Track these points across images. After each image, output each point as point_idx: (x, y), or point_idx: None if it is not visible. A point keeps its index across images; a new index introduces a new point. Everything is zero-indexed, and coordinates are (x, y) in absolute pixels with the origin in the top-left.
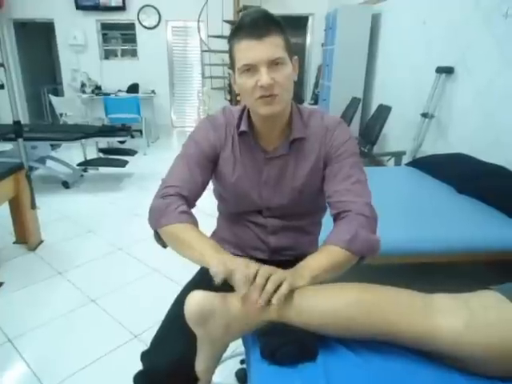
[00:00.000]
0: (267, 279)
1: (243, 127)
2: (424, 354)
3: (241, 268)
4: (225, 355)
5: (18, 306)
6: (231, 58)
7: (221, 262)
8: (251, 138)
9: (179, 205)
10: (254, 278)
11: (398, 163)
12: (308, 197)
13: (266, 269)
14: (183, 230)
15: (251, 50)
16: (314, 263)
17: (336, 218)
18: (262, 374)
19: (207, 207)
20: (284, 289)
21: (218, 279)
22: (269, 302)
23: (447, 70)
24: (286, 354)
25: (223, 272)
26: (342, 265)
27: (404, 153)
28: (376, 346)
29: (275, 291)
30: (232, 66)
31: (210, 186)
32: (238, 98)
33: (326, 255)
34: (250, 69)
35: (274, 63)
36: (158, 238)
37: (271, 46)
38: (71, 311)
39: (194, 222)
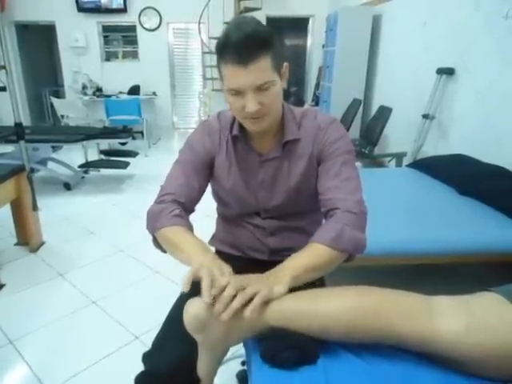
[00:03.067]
0: (239, 291)
1: (235, 131)
2: (426, 357)
3: (206, 279)
4: (226, 357)
5: (20, 308)
6: (219, 71)
7: (195, 269)
8: (244, 141)
9: (173, 209)
10: (224, 288)
11: (398, 164)
12: (305, 196)
13: (238, 281)
14: (174, 233)
15: (237, 77)
16: (296, 262)
17: (326, 215)
18: (263, 378)
19: (205, 208)
20: (256, 302)
21: (183, 288)
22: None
23: (448, 71)
24: (286, 357)
25: (188, 283)
26: (326, 263)
27: (405, 154)
28: (377, 349)
29: (247, 304)
30: (221, 78)
31: (209, 188)
32: None
33: (309, 254)
34: (237, 93)
35: (261, 87)
36: (157, 243)
37: (258, 72)
38: (72, 313)
39: (186, 224)
